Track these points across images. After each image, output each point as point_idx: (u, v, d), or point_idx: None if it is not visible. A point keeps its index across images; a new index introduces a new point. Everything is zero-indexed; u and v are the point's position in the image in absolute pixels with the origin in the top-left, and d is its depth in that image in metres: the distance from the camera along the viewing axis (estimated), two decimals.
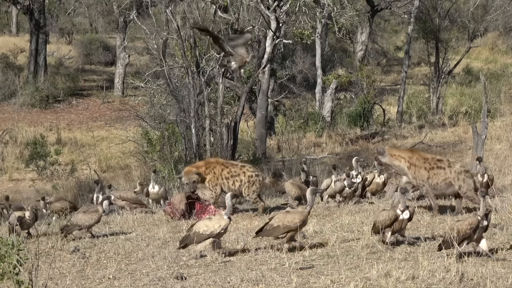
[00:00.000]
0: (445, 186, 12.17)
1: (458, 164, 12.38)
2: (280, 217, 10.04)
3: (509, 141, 23.30)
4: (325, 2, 24.77)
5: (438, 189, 12.23)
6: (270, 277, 8.69)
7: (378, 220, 9.92)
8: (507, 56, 46.31)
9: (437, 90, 33.44)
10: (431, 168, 12.20)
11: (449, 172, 12.16)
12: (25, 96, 36.17)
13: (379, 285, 8.18)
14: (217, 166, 13.29)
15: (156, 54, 22.18)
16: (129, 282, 9.00)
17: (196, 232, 9.96)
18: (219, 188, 13.19)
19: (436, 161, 12.31)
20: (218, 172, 13.20)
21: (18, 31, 50.69)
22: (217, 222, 10.01)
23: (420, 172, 12.23)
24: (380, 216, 9.93)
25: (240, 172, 13.21)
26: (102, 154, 27.77)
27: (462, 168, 12.26)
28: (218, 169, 13.23)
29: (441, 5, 34.42)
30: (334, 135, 28.91)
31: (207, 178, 13.20)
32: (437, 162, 12.28)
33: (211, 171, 13.19)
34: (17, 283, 7.63)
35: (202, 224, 10.05)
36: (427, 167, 12.21)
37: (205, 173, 13.22)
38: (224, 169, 13.24)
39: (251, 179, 13.16)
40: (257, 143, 24.19)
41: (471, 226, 9.02)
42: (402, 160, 12.32)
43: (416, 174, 12.23)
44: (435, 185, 12.17)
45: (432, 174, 12.18)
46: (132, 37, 42.48)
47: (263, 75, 24.19)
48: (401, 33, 49.92)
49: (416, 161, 12.27)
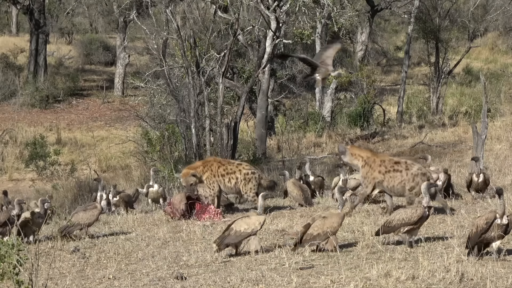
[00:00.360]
0: (401, 188, 12.17)
1: (416, 166, 12.35)
2: (318, 224, 9.88)
3: (509, 141, 23.30)
4: (325, 2, 24.78)
5: (395, 192, 12.28)
6: (270, 277, 8.69)
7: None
8: (507, 56, 46.31)
9: (437, 90, 33.44)
10: (387, 171, 12.23)
11: (405, 175, 12.17)
12: (25, 96, 36.17)
13: (379, 285, 8.17)
14: (214, 163, 13.51)
15: (156, 54, 22.20)
16: (129, 282, 8.99)
17: (237, 231, 9.98)
18: (217, 185, 13.39)
19: (393, 164, 12.32)
20: (215, 169, 13.42)
21: (18, 31, 50.69)
22: (257, 219, 10.08)
23: (373, 175, 12.27)
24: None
25: (236, 170, 13.40)
26: (102, 154, 27.78)
27: (419, 171, 12.23)
28: (215, 166, 13.42)
29: (441, 5, 34.42)
30: (334, 135, 28.92)
31: (205, 176, 13.36)
32: (394, 165, 12.29)
33: (209, 169, 13.38)
34: (17, 283, 7.63)
35: (242, 222, 10.04)
36: (382, 171, 12.24)
37: (202, 171, 13.38)
38: (220, 166, 13.47)
39: (247, 177, 13.31)
40: (257, 143, 24.19)
41: (487, 221, 9.09)
42: (360, 159, 12.37)
43: (368, 174, 12.29)
44: (391, 188, 12.21)
45: (387, 177, 12.20)
46: (132, 37, 42.48)
47: (263, 75, 24.18)
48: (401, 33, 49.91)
49: (372, 163, 12.32)
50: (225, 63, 19.31)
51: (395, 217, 9.92)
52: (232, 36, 20.10)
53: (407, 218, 9.84)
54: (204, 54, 20.80)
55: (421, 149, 24.53)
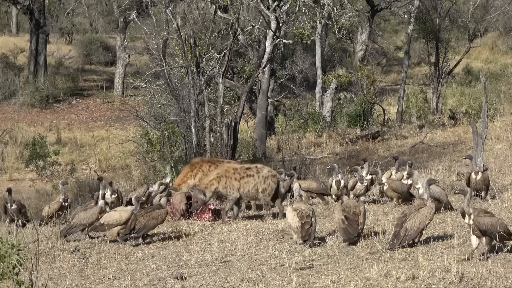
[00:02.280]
0: (255, 191, 12.81)
1: (266, 169, 13.01)
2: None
3: (509, 141, 23.27)
4: (325, 2, 24.76)
5: (250, 196, 12.89)
6: (270, 277, 8.69)
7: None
8: (507, 56, 46.33)
9: (437, 90, 33.43)
10: (241, 177, 12.84)
11: (257, 178, 12.76)
12: (25, 96, 36.16)
13: (379, 285, 8.18)
14: (203, 164, 13.94)
15: (156, 54, 22.18)
16: (129, 282, 9.00)
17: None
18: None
19: (245, 170, 12.96)
20: (206, 170, 13.76)
21: (18, 31, 50.71)
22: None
23: (232, 183, 12.78)
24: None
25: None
26: (102, 154, 27.76)
27: (269, 173, 12.92)
28: (205, 167, 13.87)
29: (441, 5, 34.42)
30: (334, 135, 28.90)
31: (197, 178, 13.55)
32: (246, 171, 12.93)
33: (199, 170, 13.61)
34: (17, 283, 7.63)
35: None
36: (237, 177, 12.83)
37: (193, 174, 13.68)
38: (211, 165, 13.89)
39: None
40: (257, 143, 24.18)
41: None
42: (214, 184, 12.76)
43: (227, 184, 12.79)
44: (247, 193, 12.81)
45: (243, 183, 12.80)
46: (132, 37, 42.49)
47: (263, 75, 24.18)
48: (401, 33, 49.92)
49: (226, 173, 12.83)
50: (225, 63, 19.30)
51: (411, 225, 9.79)
52: (232, 36, 20.08)
53: (424, 218, 9.84)
54: (204, 54, 20.78)
55: (421, 149, 24.52)
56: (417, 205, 10.04)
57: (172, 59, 24.00)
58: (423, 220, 9.85)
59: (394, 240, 9.75)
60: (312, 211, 10.42)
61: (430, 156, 22.20)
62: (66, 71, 41.94)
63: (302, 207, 10.39)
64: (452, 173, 16.56)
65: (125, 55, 39.34)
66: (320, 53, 33.65)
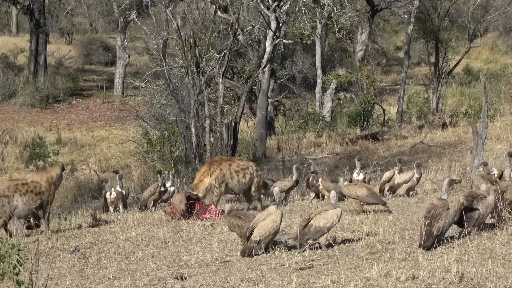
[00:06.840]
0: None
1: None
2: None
3: (509, 141, 23.28)
4: (325, 2, 24.77)
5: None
6: (270, 277, 8.69)
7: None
8: (507, 56, 46.36)
9: (437, 90, 33.45)
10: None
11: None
12: (25, 96, 36.17)
13: (379, 285, 8.18)
14: (222, 163, 13.90)
15: (156, 54, 22.18)
16: (129, 282, 8.99)
17: (317, 226, 10.01)
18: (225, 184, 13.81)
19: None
20: (226, 168, 13.78)
21: (18, 31, 50.73)
22: (334, 213, 10.10)
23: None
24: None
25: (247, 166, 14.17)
26: (102, 154, 27.75)
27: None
28: (224, 165, 13.82)
29: (441, 5, 34.43)
30: (334, 135, 28.89)
31: (214, 176, 13.60)
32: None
33: (217, 168, 13.62)
34: (17, 283, 7.63)
35: (321, 218, 10.05)
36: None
37: (210, 172, 13.68)
38: (232, 163, 13.95)
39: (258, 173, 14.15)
40: (257, 143, 24.18)
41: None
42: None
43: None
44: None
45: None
46: (132, 37, 42.52)
47: (263, 75, 24.18)
48: (401, 33, 49.96)
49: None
50: (225, 63, 19.30)
51: (442, 223, 9.77)
52: (232, 36, 20.08)
53: (452, 216, 9.89)
54: (204, 54, 20.79)
55: (421, 149, 24.51)
56: (441, 205, 9.94)
57: (172, 59, 24.00)
58: (451, 221, 9.97)
59: (429, 240, 9.69)
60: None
61: (430, 156, 22.19)
62: (66, 71, 41.96)
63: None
64: (452, 173, 16.55)
65: (125, 55, 39.36)
66: (320, 53, 33.65)
